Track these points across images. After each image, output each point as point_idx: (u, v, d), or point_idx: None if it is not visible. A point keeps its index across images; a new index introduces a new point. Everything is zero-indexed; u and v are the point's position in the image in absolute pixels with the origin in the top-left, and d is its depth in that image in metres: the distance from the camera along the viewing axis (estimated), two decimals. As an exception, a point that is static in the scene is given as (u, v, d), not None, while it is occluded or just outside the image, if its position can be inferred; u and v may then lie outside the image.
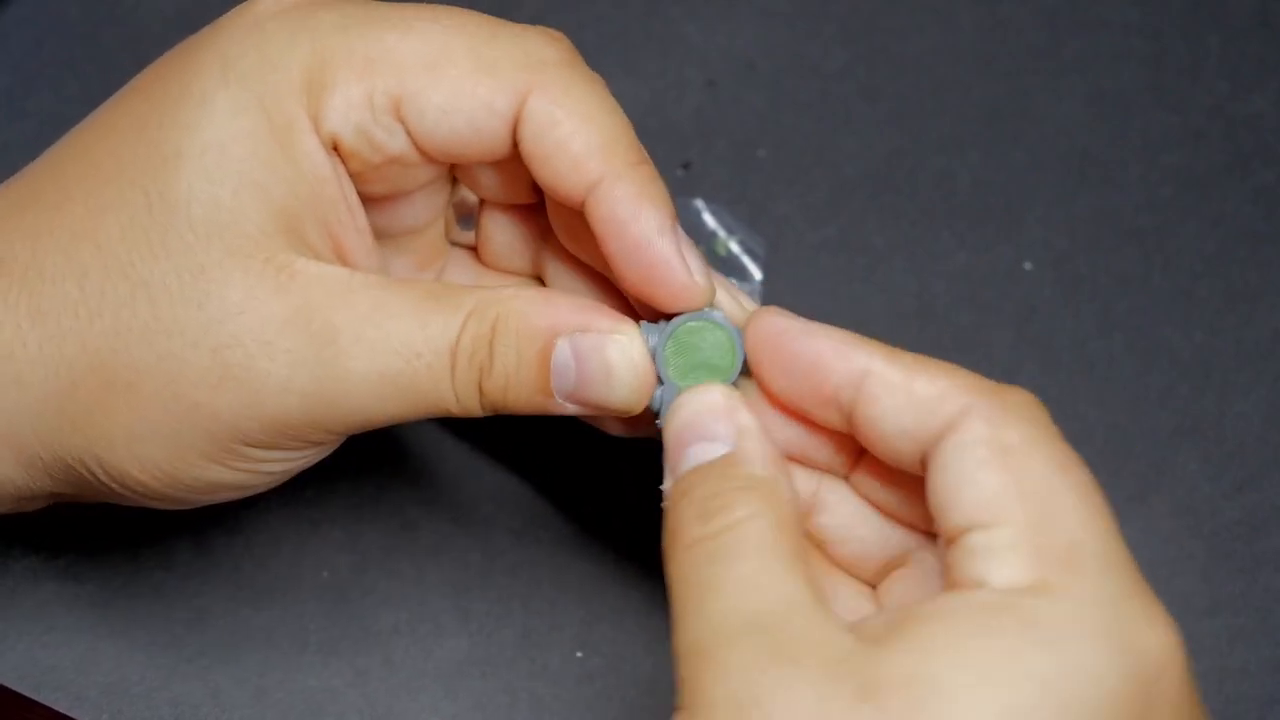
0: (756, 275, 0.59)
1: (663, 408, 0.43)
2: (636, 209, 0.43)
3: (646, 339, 0.43)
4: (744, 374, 0.44)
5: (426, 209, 0.48)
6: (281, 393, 0.42)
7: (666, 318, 0.44)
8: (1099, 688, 0.36)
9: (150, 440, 0.43)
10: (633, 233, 0.43)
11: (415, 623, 0.52)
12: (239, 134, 0.42)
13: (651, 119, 0.63)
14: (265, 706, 0.51)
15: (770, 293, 0.59)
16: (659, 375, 0.43)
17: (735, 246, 0.59)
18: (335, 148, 0.43)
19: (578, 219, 0.44)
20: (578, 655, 0.52)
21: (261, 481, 0.45)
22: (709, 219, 0.60)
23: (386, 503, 0.54)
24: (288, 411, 0.42)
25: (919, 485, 0.43)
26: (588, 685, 0.51)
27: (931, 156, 0.63)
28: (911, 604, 0.39)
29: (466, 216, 0.50)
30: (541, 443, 0.55)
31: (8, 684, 0.51)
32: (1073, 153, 0.63)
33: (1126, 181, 0.62)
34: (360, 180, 0.44)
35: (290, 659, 0.52)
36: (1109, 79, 0.64)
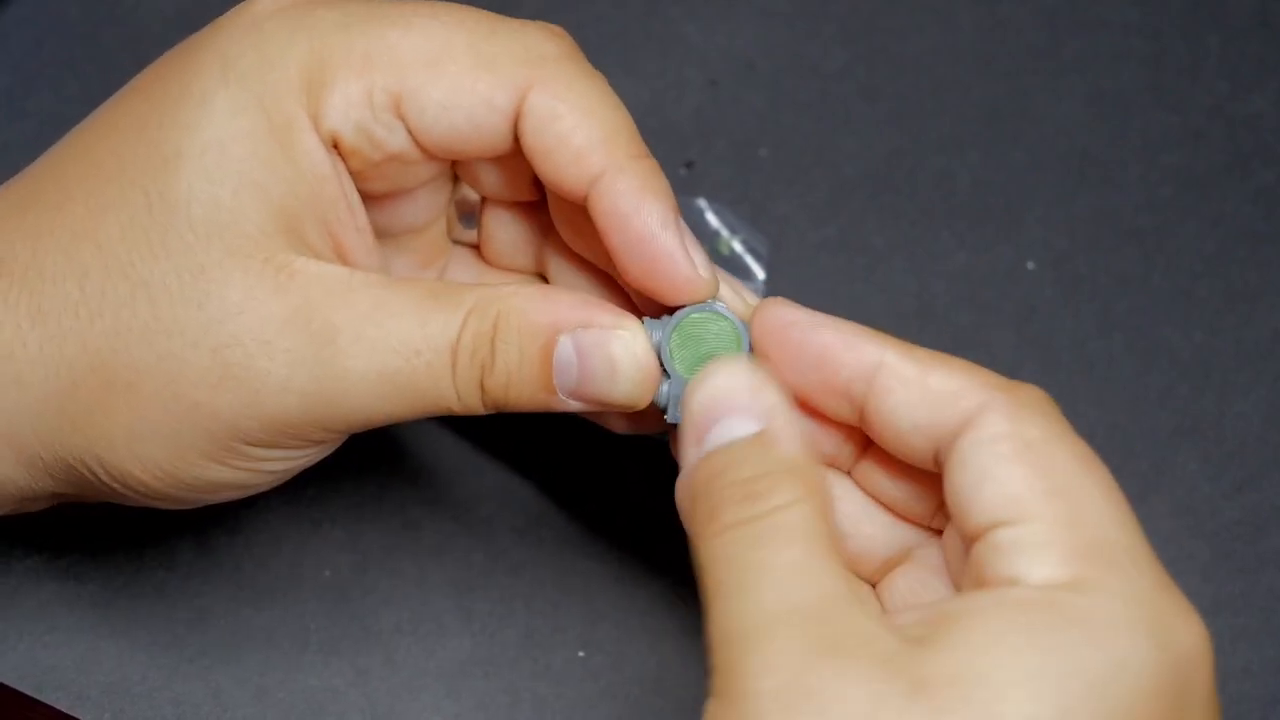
0: (759, 275, 0.59)
1: (669, 402, 0.43)
2: (639, 202, 0.42)
3: (650, 334, 0.43)
4: None
5: (428, 207, 0.48)
6: (281, 392, 0.42)
7: (669, 312, 0.44)
8: (1141, 681, 0.36)
9: (151, 440, 0.43)
10: (635, 226, 0.43)
11: (417, 622, 0.52)
12: (239, 134, 0.42)
13: (652, 119, 0.63)
14: (266, 706, 0.51)
15: (772, 292, 0.59)
16: (664, 369, 0.43)
17: (738, 246, 0.59)
18: (335, 146, 0.43)
19: (580, 215, 0.44)
20: (580, 654, 0.52)
21: (262, 481, 0.45)
22: (712, 218, 0.60)
23: (388, 502, 0.54)
24: (287, 411, 0.42)
25: (926, 480, 0.43)
26: (591, 684, 0.51)
27: (931, 156, 0.63)
28: (947, 602, 0.39)
29: (468, 214, 0.50)
30: (544, 441, 0.55)
31: (10, 683, 0.50)
32: (1073, 153, 0.63)
33: (1126, 181, 0.62)
34: (361, 178, 0.44)
35: (291, 658, 0.51)
36: (1109, 79, 0.64)
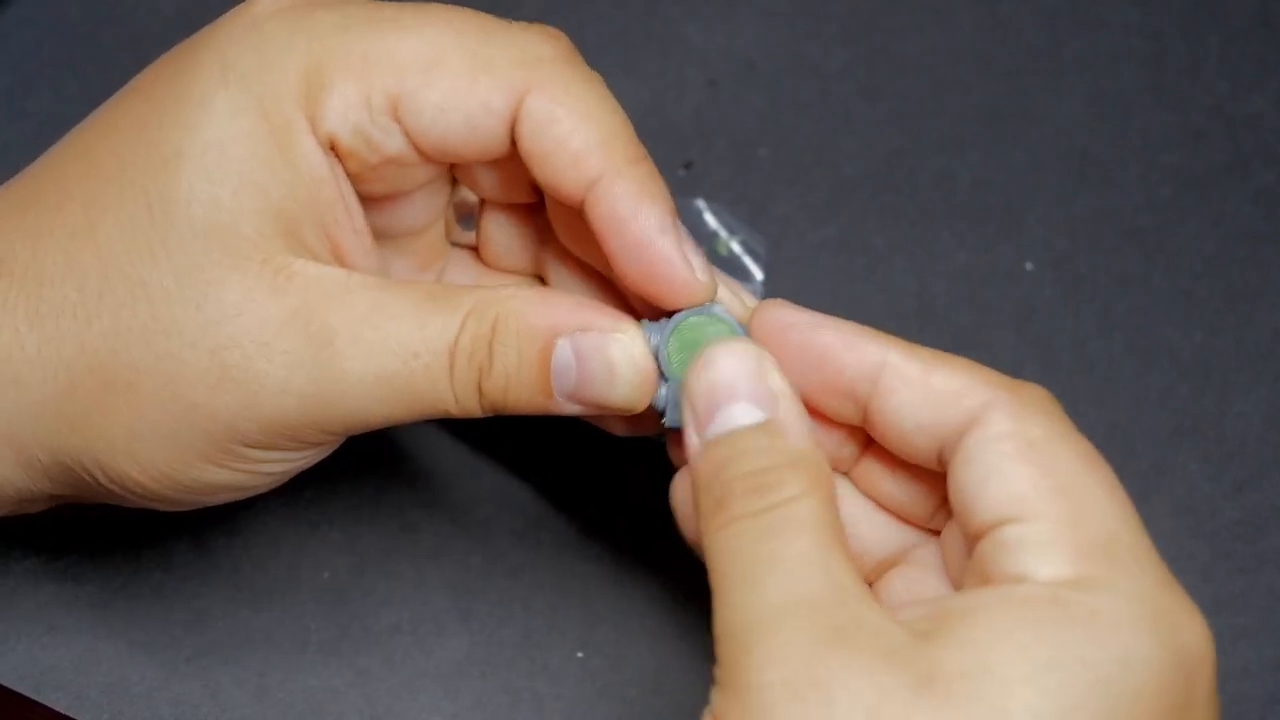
0: (758, 275, 0.59)
1: (668, 405, 0.43)
2: (636, 206, 0.42)
3: (648, 337, 0.43)
4: None
5: (426, 210, 0.48)
6: (279, 394, 0.42)
7: (668, 315, 0.44)
8: (1146, 678, 0.36)
9: (149, 441, 0.43)
10: (633, 230, 0.42)
11: (415, 623, 0.52)
12: (238, 135, 0.42)
13: (652, 119, 0.63)
14: (265, 707, 0.51)
15: (771, 293, 0.59)
16: (662, 373, 0.43)
17: (737, 246, 0.59)
18: (333, 148, 0.43)
19: (578, 218, 0.44)
20: (578, 655, 0.52)
21: (260, 482, 0.45)
22: (710, 219, 0.60)
23: (386, 504, 0.54)
24: (285, 412, 0.42)
25: (926, 480, 0.43)
26: (589, 685, 0.51)
27: (931, 156, 0.62)
28: (952, 598, 0.39)
29: (467, 216, 0.50)
30: (542, 443, 0.55)
31: (8, 684, 0.50)
32: (1073, 153, 0.63)
33: (1126, 181, 0.62)
34: (359, 181, 0.44)
35: (290, 659, 0.51)
36: (1109, 79, 0.64)
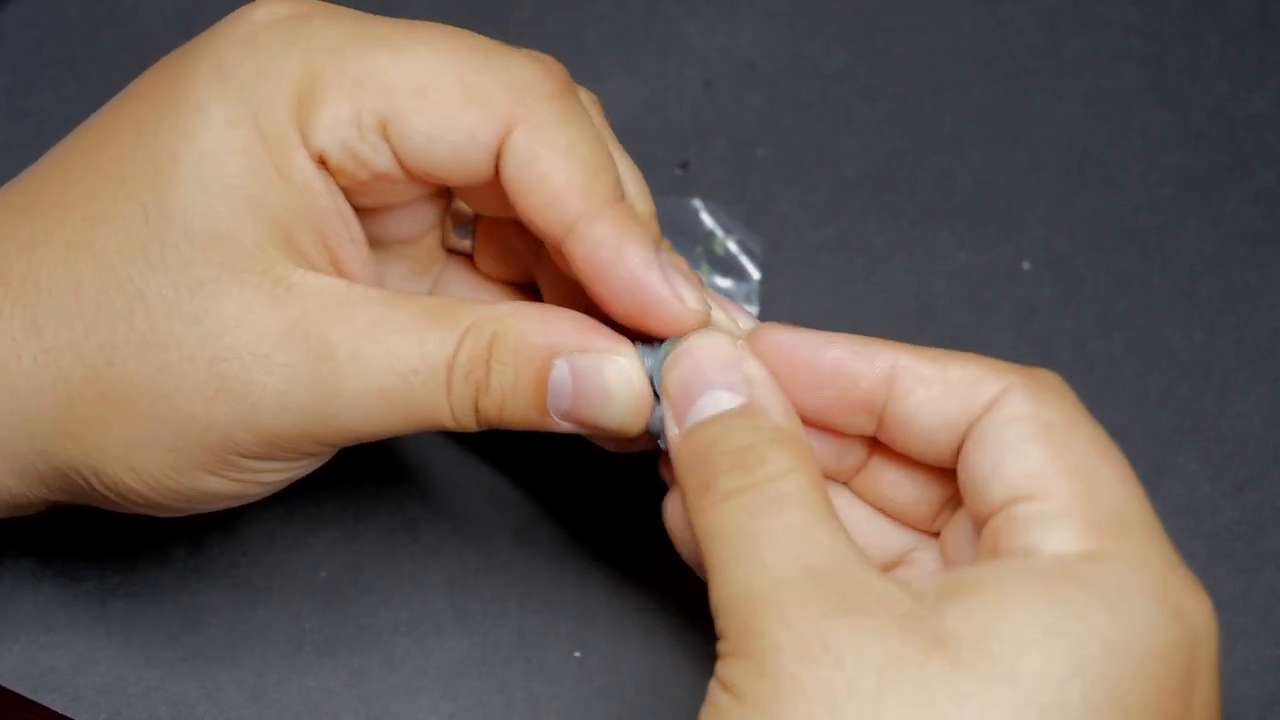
0: (754, 275, 0.59)
1: (663, 428, 0.43)
2: (618, 248, 0.42)
3: (643, 360, 0.43)
4: None
5: (421, 219, 0.48)
6: (277, 407, 0.42)
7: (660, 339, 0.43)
8: (1153, 647, 0.37)
9: (146, 451, 0.43)
10: (618, 273, 0.42)
11: (413, 622, 0.52)
12: (234, 146, 0.42)
13: (651, 119, 0.63)
14: (262, 706, 0.51)
15: (770, 292, 0.59)
16: (657, 395, 0.43)
17: (733, 246, 0.59)
18: (323, 163, 0.43)
19: None
20: (575, 654, 0.52)
21: (257, 491, 0.45)
22: (706, 218, 0.60)
23: (384, 502, 0.54)
24: (283, 425, 0.42)
25: (933, 479, 0.43)
26: (585, 684, 0.51)
27: (931, 156, 0.62)
28: (962, 569, 0.39)
29: (464, 225, 0.50)
30: (540, 442, 0.55)
31: (6, 684, 0.50)
32: (1073, 153, 0.63)
33: (1126, 181, 0.62)
34: (351, 194, 0.44)
35: (287, 659, 0.51)
36: (1109, 79, 0.64)
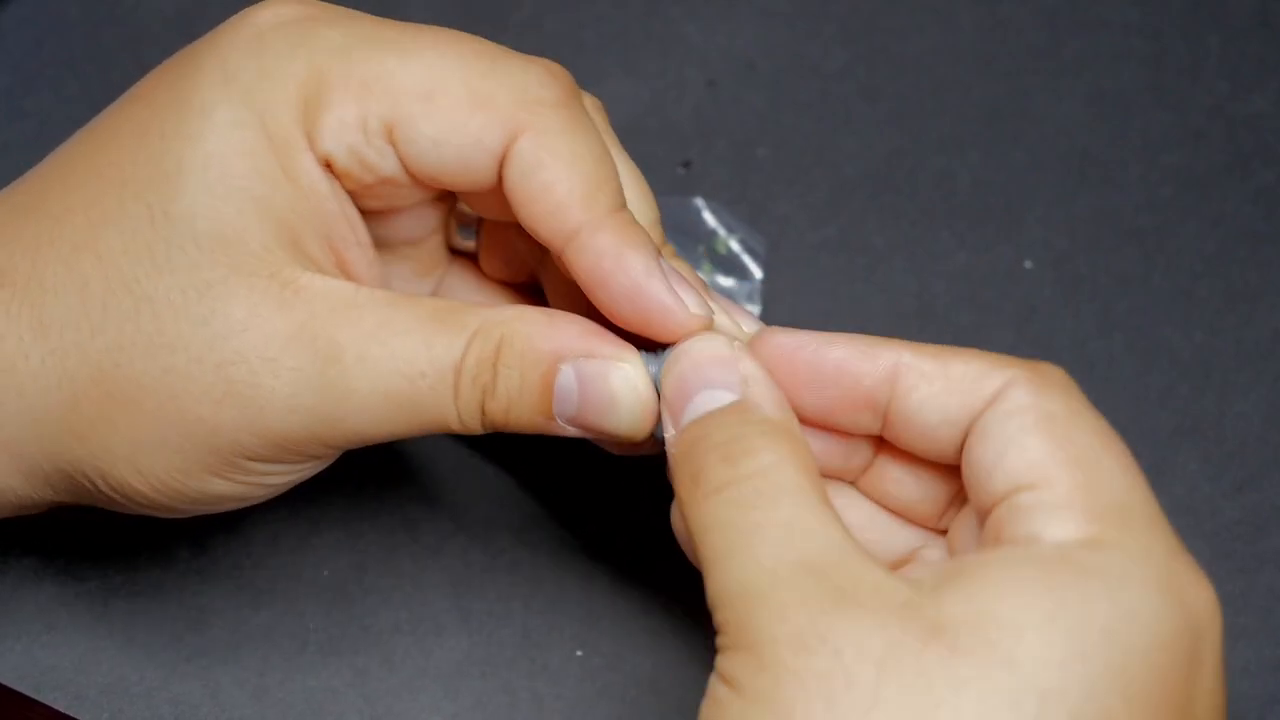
0: (757, 274, 0.59)
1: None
2: (619, 257, 0.42)
3: (648, 367, 0.43)
4: None
5: (424, 222, 0.48)
6: (285, 410, 0.42)
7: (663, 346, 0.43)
8: (1154, 633, 0.37)
9: (152, 453, 0.43)
10: (620, 282, 0.42)
11: (415, 622, 0.52)
12: (241, 148, 0.42)
13: (651, 119, 0.63)
14: (265, 706, 0.51)
15: (770, 292, 0.59)
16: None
17: (735, 245, 0.59)
18: (329, 166, 0.43)
19: None
20: (578, 654, 0.52)
21: (262, 494, 0.45)
22: (709, 217, 0.60)
23: (387, 501, 0.54)
24: (290, 428, 0.42)
25: (939, 476, 0.43)
26: (588, 684, 0.51)
27: (931, 156, 0.62)
28: (961, 557, 0.39)
29: (467, 225, 0.50)
30: (543, 444, 0.54)
31: (8, 683, 0.50)
32: (1073, 153, 0.63)
33: (1126, 181, 0.62)
34: (356, 197, 0.44)
35: (290, 658, 0.51)
36: (1109, 79, 0.64)
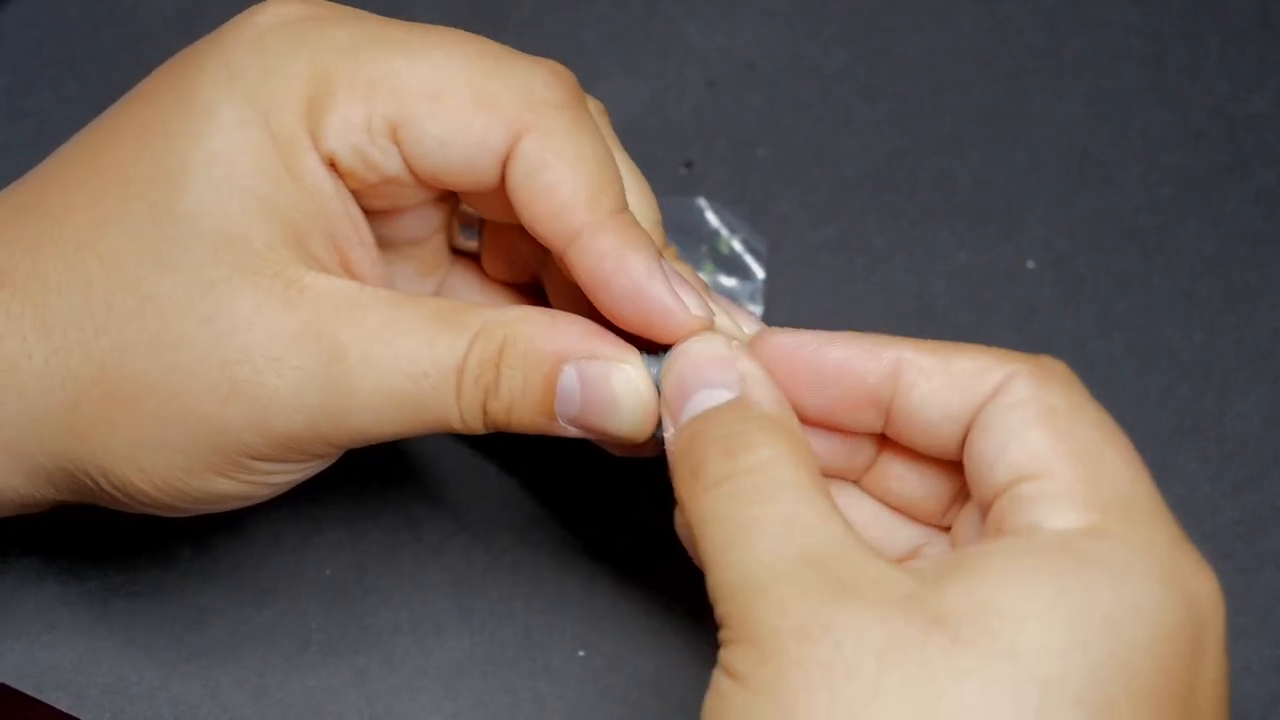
0: (759, 274, 0.59)
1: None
2: (621, 259, 0.42)
3: (649, 368, 0.43)
4: None
5: (427, 222, 0.48)
6: (289, 409, 0.42)
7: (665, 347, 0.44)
8: (1156, 623, 0.37)
9: (155, 452, 0.43)
10: (622, 283, 0.42)
11: (416, 622, 0.52)
12: (245, 147, 0.42)
13: (652, 119, 0.63)
14: (265, 706, 0.51)
15: (771, 292, 0.59)
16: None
17: (738, 245, 0.59)
18: (333, 165, 0.43)
19: None
20: (580, 654, 0.52)
21: (265, 493, 0.45)
22: (711, 217, 0.60)
23: (388, 501, 0.54)
24: (294, 427, 0.42)
25: (943, 473, 0.43)
26: (590, 684, 0.51)
27: (931, 156, 0.63)
28: (963, 549, 0.39)
29: (470, 225, 0.50)
30: (545, 444, 0.55)
31: (9, 683, 0.50)
32: (1073, 153, 0.63)
33: (1126, 181, 0.62)
34: (359, 196, 0.44)
35: (291, 658, 0.51)
36: (1109, 79, 0.64)
